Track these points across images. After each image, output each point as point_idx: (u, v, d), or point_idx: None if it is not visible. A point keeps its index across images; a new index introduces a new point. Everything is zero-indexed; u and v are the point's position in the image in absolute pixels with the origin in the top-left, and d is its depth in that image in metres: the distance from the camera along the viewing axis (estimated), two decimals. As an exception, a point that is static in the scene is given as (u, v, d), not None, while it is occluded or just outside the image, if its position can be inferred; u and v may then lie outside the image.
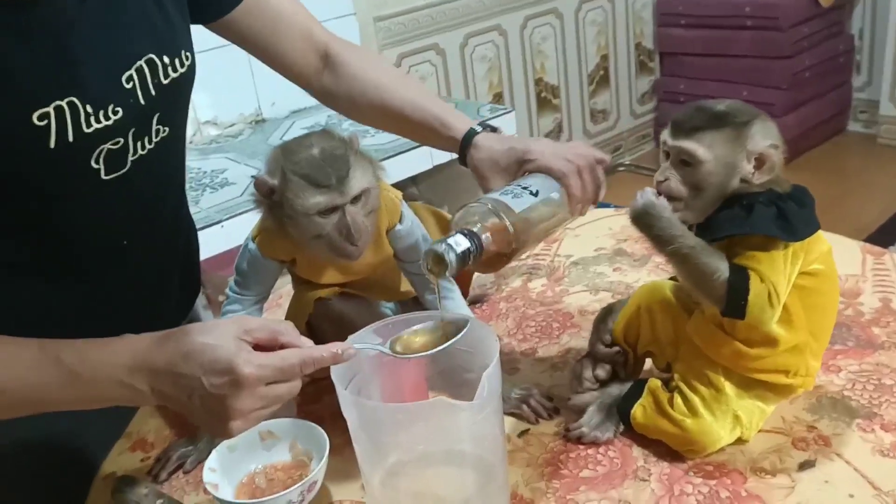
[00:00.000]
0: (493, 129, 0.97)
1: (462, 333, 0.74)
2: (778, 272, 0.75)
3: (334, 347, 0.71)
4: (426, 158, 2.19)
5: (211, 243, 1.78)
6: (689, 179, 0.79)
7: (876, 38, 3.65)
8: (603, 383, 0.92)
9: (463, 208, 0.81)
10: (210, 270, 1.69)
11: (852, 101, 3.82)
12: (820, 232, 0.80)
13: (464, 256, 0.75)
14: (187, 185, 1.07)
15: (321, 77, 1.06)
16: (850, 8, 3.68)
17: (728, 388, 0.82)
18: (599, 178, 0.91)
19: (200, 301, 1.39)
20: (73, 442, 0.97)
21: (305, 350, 0.71)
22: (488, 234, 0.79)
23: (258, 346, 0.70)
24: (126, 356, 0.71)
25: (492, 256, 0.81)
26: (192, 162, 2.22)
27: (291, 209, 0.83)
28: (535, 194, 0.85)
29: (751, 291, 0.75)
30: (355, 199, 0.84)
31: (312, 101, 2.83)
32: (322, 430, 0.86)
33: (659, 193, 0.79)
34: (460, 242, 0.76)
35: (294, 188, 0.82)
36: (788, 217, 0.76)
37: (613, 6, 3.57)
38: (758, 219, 0.76)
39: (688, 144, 0.78)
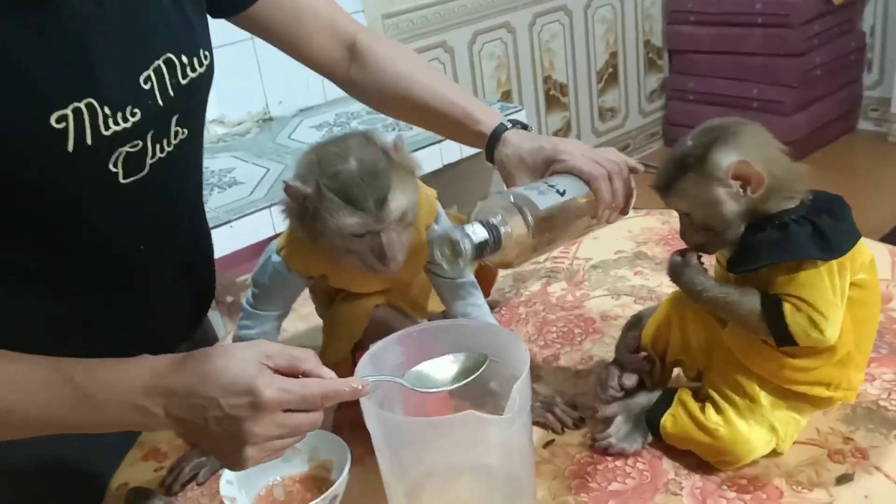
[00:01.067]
0: (524, 126, 0.95)
1: (481, 371, 0.72)
2: (821, 291, 0.73)
3: (355, 383, 0.68)
4: (436, 157, 2.17)
5: (219, 244, 1.74)
6: (697, 225, 0.79)
7: (888, 35, 3.62)
8: (629, 393, 0.89)
9: (486, 198, 0.79)
10: (218, 271, 1.68)
11: (863, 99, 3.78)
12: (863, 241, 0.77)
13: (480, 247, 0.72)
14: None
15: (348, 69, 1.03)
16: (862, 5, 3.65)
17: (763, 397, 0.79)
18: (630, 185, 0.89)
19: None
20: (86, 450, 0.95)
21: (329, 382, 0.68)
22: (508, 228, 0.76)
23: (278, 374, 0.68)
24: (142, 377, 0.69)
25: (509, 251, 0.78)
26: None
27: (323, 224, 0.78)
28: (562, 194, 0.82)
29: (788, 322, 0.73)
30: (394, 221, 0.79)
31: (320, 100, 2.82)
32: (343, 441, 0.83)
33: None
34: (478, 232, 0.73)
35: (327, 205, 0.77)
36: (825, 233, 0.73)
37: (622, 4, 3.54)
38: (794, 242, 0.73)
39: (670, 203, 0.79)
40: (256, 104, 2.50)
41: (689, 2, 3.62)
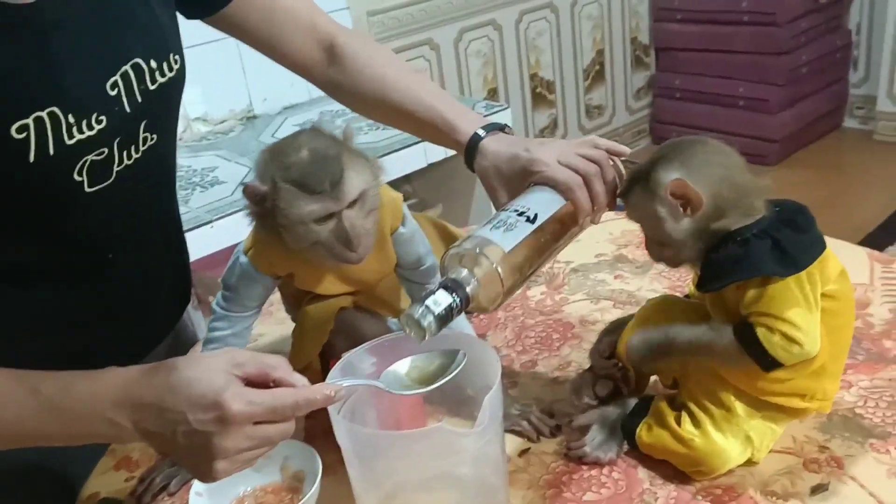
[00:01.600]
0: (501, 129, 0.92)
1: (458, 369, 0.71)
2: (790, 302, 0.72)
3: (327, 389, 0.67)
4: (420, 157, 2.16)
5: (201, 243, 1.74)
6: (650, 240, 0.80)
7: (873, 33, 3.63)
8: (605, 401, 0.88)
9: (450, 250, 0.76)
10: (200, 270, 1.66)
11: (849, 97, 3.79)
12: (831, 252, 0.77)
13: (445, 315, 0.70)
14: (177, 185, 1.03)
15: (327, 70, 1.01)
16: (848, 3, 3.65)
17: (739, 407, 0.79)
18: (613, 179, 0.86)
19: (192, 301, 1.36)
20: (54, 459, 0.93)
21: (300, 390, 0.67)
22: (475, 282, 0.73)
23: (249, 383, 0.66)
24: (110, 389, 0.68)
25: (483, 302, 0.76)
26: (182, 160, 2.17)
27: (284, 217, 0.78)
28: (534, 220, 0.79)
29: (766, 346, 0.72)
30: (352, 203, 0.79)
31: (304, 97, 2.80)
32: (314, 451, 0.82)
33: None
34: (440, 301, 0.70)
35: (285, 196, 0.77)
36: (785, 247, 0.72)
37: (609, 1, 3.53)
38: (753, 258, 0.73)
39: (627, 213, 0.80)
40: (240, 102, 2.48)
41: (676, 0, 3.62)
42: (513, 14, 3.19)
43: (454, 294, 0.70)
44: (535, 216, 0.79)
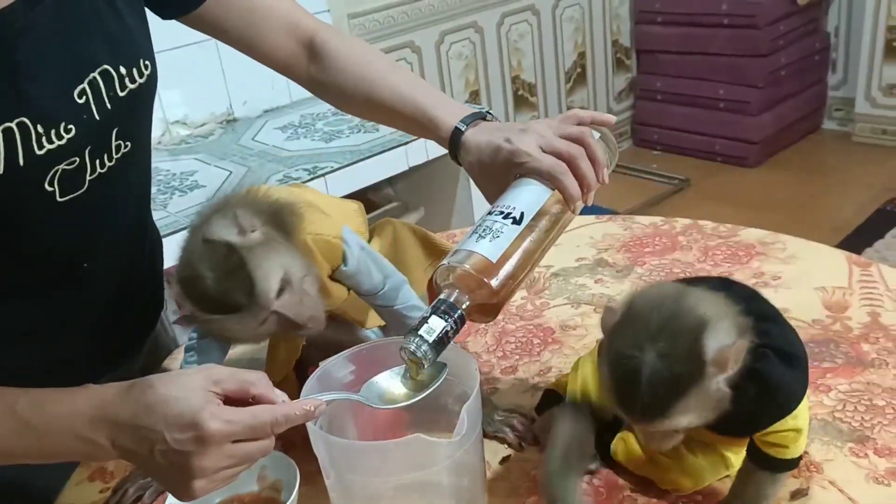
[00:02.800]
0: (483, 117, 0.89)
1: (438, 383, 0.70)
2: (804, 414, 0.70)
3: (307, 405, 0.66)
4: (402, 160, 2.15)
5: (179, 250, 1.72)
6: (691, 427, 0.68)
7: (851, 35, 3.66)
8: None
9: (438, 268, 0.74)
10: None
11: (828, 99, 3.83)
12: None
13: (440, 340, 0.68)
14: (156, 189, 1.02)
15: (308, 67, 0.99)
16: (826, 6, 3.69)
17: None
18: (599, 156, 0.82)
19: (170, 306, 1.34)
20: (29, 471, 0.92)
21: (279, 407, 0.66)
22: (467, 299, 0.71)
23: (229, 400, 0.65)
24: (86, 407, 0.66)
25: (480, 316, 0.75)
26: (161, 164, 2.15)
27: (224, 337, 0.78)
28: (520, 220, 0.76)
29: (791, 459, 0.71)
30: (279, 293, 0.74)
31: (285, 100, 2.78)
32: (292, 461, 0.81)
33: None
34: (434, 328, 0.67)
35: (211, 324, 0.75)
36: (787, 350, 0.68)
37: (590, 3, 3.54)
38: (783, 391, 0.67)
39: (667, 425, 0.65)
40: (220, 105, 2.46)
41: (657, 2, 3.63)
42: (494, 16, 3.19)
43: (447, 318, 0.68)
44: (522, 216, 0.77)
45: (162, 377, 0.67)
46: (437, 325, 0.68)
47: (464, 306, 0.70)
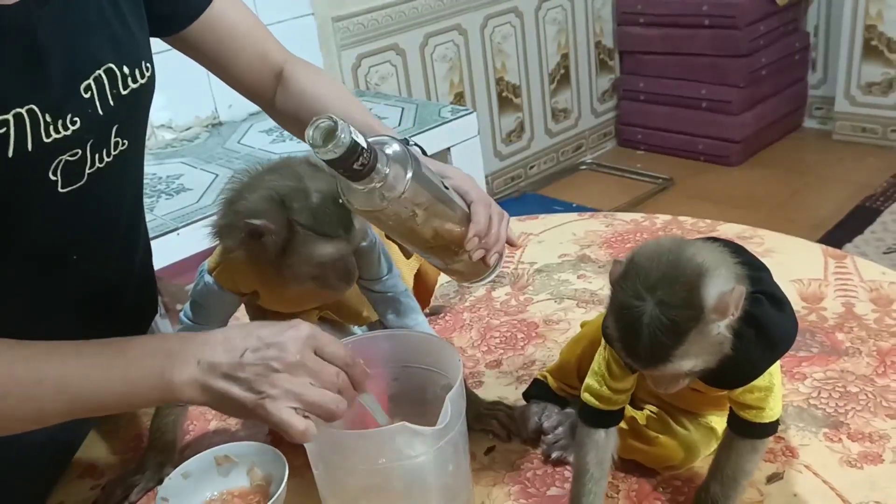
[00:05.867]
0: (423, 151, 0.91)
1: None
2: (777, 371, 0.72)
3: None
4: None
5: (167, 251, 1.73)
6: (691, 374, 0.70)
7: (831, 35, 3.70)
8: (566, 403, 0.90)
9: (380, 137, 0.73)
10: (167, 279, 1.65)
11: (808, 98, 3.87)
12: None
13: (353, 150, 0.65)
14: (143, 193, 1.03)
15: (273, 95, 1.03)
16: (805, 5, 3.73)
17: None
18: (505, 234, 0.84)
19: (159, 310, 1.35)
20: (21, 470, 0.93)
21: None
22: (386, 169, 0.69)
23: None
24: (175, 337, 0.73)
25: (373, 193, 0.70)
26: (147, 167, 2.14)
27: (294, 256, 0.79)
28: (446, 188, 0.78)
29: (768, 423, 0.73)
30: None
31: (270, 104, 2.74)
32: (280, 454, 0.83)
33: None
34: (359, 137, 0.65)
35: (301, 239, 0.78)
36: (778, 297, 0.71)
37: (573, 5, 3.57)
38: (774, 331, 0.69)
39: (670, 369, 0.66)
40: (205, 108, 2.47)
41: (639, 3, 3.66)
42: (478, 19, 3.21)
43: (369, 151, 0.66)
44: (448, 189, 0.78)
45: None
46: (361, 139, 0.66)
47: (381, 163, 0.68)
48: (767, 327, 0.69)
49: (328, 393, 0.67)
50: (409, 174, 0.70)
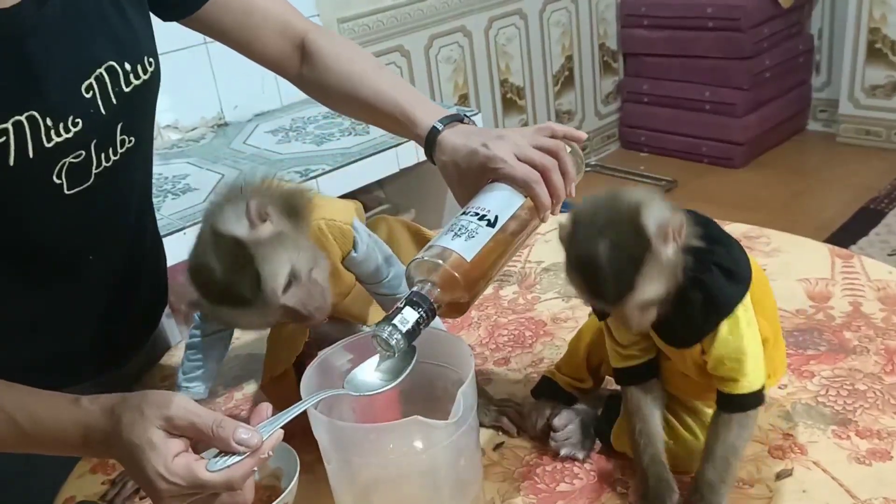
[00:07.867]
0: (461, 119, 0.91)
1: (412, 365, 0.72)
2: (749, 341, 0.73)
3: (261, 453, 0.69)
4: (392, 162, 2.17)
5: (173, 251, 1.72)
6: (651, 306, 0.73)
7: (835, 37, 3.71)
8: (575, 400, 0.90)
9: (413, 261, 0.76)
10: (173, 278, 1.66)
11: (812, 101, 3.87)
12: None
13: (413, 331, 0.70)
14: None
15: (299, 67, 1.02)
16: (810, 8, 3.73)
17: (702, 405, 0.81)
18: (569, 170, 0.85)
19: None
20: (31, 464, 0.93)
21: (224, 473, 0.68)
22: (439, 292, 0.73)
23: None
24: (74, 429, 0.72)
25: (451, 312, 0.77)
26: (153, 167, 2.16)
27: (235, 324, 0.81)
28: (493, 223, 0.78)
29: (751, 397, 0.74)
30: (286, 288, 0.74)
31: (276, 104, 2.79)
32: (291, 448, 0.83)
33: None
34: (407, 318, 0.70)
35: (219, 314, 0.77)
36: (730, 268, 0.73)
37: (577, 7, 3.58)
38: (720, 296, 0.72)
39: (637, 299, 0.70)
40: (211, 109, 2.47)
41: (643, 6, 3.67)
42: (482, 21, 3.22)
43: (420, 309, 0.70)
44: (496, 219, 0.79)
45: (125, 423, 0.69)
46: (410, 315, 0.70)
47: (435, 299, 0.72)
48: (713, 294, 0.72)
49: None
50: (461, 278, 0.74)
